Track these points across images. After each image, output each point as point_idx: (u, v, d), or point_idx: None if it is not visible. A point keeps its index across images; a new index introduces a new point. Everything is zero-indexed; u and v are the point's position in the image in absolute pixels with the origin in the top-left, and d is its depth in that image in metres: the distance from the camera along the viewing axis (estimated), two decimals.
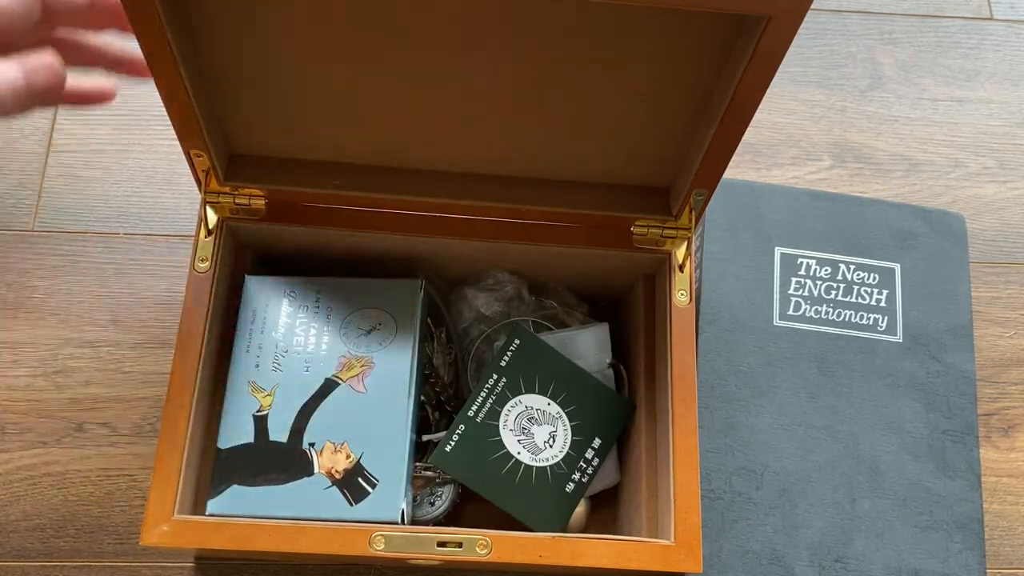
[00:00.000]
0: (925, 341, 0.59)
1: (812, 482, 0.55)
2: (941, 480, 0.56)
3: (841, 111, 0.73)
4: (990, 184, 0.72)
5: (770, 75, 0.40)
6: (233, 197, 0.51)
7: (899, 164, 0.72)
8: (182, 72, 0.42)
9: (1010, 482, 0.63)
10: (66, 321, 0.62)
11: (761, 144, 0.71)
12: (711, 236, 0.60)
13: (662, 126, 0.46)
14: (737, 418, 0.56)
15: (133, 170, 0.66)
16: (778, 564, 0.53)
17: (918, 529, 0.55)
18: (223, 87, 0.46)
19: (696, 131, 0.46)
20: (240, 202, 0.51)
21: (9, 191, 0.65)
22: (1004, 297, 0.68)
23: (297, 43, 0.43)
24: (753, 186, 0.62)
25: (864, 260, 0.60)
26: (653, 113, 0.46)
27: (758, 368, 0.57)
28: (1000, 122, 0.74)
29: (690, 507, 0.47)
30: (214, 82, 0.45)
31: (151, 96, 0.68)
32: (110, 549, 0.57)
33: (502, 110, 0.46)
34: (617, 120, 0.46)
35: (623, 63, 0.43)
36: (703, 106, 0.45)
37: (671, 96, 0.45)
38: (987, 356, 0.66)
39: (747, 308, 0.58)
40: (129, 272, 0.63)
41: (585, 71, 0.43)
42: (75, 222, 0.65)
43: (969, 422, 0.57)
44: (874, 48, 0.76)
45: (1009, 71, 0.76)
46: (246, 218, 0.52)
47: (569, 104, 0.45)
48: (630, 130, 0.47)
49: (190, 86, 0.43)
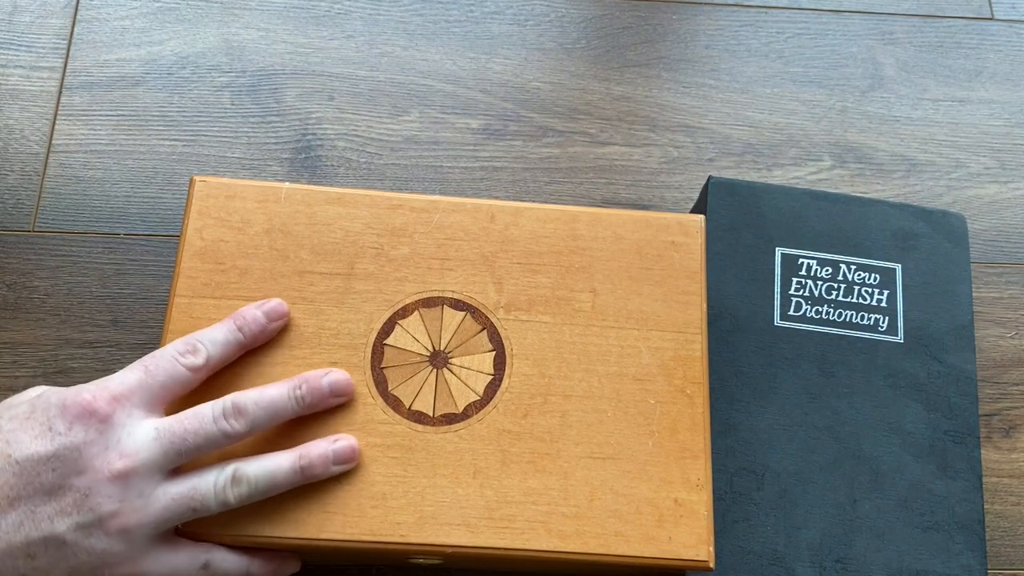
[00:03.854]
0: (926, 341, 0.58)
1: (813, 483, 0.55)
2: (942, 481, 0.56)
3: (842, 111, 0.73)
4: (991, 184, 0.72)
5: None
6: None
7: (900, 164, 0.72)
8: None
9: (1011, 483, 0.63)
10: (66, 321, 0.62)
11: (762, 144, 0.71)
12: (711, 236, 0.60)
13: None
14: (737, 418, 0.56)
15: (134, 170, 0.66)
16: (779, 564, 0.53)
17: (919, 530, 0.54)
18: None
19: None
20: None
21: (9, 191, 0.65)
22: (1005, 297, 0.68)
23: None
24: (753, 186, 0.61)
25: (865, 260, 0.60)
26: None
27: (758, 368, 0.57)
28: (1001, 122, 0.74)
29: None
30: None
31: (151, 96, 0.69)
32: None
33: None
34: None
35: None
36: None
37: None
38: (988, 356, 0.66)
39: (747, 308, 0.58)
40: (129, 272, 0.63)
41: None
42: (75, 222, 0.65)
43: (970, 423, 0.57)
44: (875, 48, 0.75)
45: (1010, 71, 0.75)
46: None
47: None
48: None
49: None
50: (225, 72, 0.70)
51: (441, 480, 0.46)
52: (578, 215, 0.52)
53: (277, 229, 0.50)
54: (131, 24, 0.71)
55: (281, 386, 0.45)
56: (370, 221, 0.50)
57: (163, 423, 0.43)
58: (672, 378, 0.49)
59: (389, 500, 0.45)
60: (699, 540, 0.46)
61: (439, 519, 0.45)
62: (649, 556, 0.45)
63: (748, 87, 0.73)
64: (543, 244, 0.51)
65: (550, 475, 0.46)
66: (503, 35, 0.73)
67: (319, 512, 0.45)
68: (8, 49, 0.70)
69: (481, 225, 0.51)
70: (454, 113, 0.70)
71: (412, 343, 0.48)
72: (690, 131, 0.71)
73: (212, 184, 0.50)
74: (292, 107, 0.69)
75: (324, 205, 0.50)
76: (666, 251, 0.52)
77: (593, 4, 0.75)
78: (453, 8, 0.74)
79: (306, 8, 0.73)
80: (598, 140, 0.70)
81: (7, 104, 0.68)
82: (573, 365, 0.49)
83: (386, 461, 0.46)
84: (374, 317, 0.49)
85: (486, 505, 0.45)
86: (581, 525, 0.46)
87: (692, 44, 0.75)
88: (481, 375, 0.48)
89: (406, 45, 0.72)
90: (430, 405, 0.47)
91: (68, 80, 0.69)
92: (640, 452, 0.47)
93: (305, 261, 0.49)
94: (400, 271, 0.50)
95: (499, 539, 0.45)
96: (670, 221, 0.52)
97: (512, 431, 0.47)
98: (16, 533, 0.39)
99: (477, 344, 0.49)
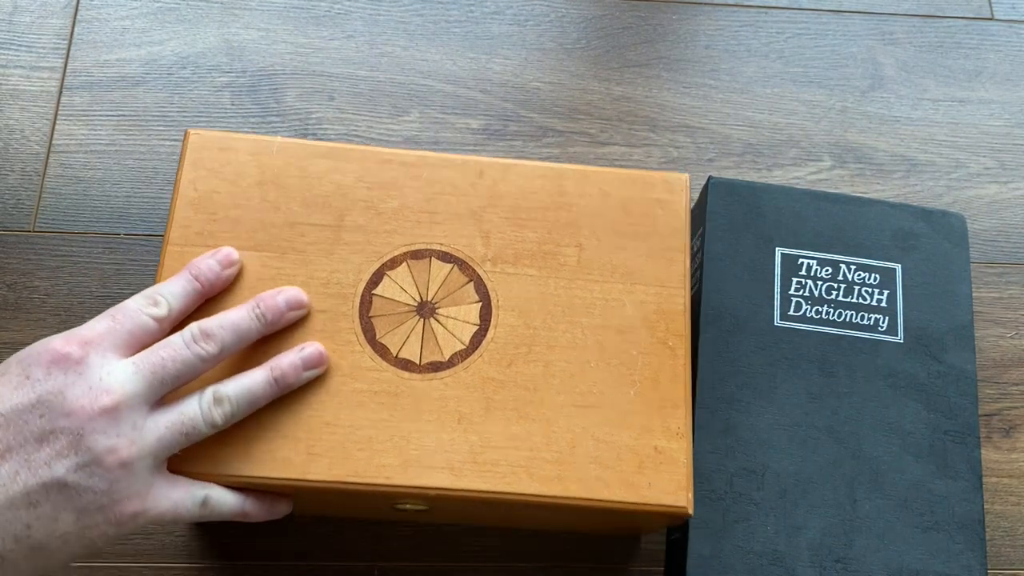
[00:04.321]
0: (926, 341, 0.58)
1: (813, 483, 0.55)
2: (942, 481, 0.56)
3: (842, 111, 0.73)
4: (991, 184, 0.72)
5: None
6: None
7: (900, 164, 0.72)
8: None
9: (1011, 483, 0.63)
10: (66, 321, 0.62)
11: (762, 144, 0.71)
12: (711, 236, 0.60)
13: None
14: (737, 419, 0.56)
15: (134, 170, 0.66)
16: (779, 565, 0.53)
17: (919, 530, 0.54)
18: None
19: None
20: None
21: (9, 191, 0.65)
22: (1005, 297, 0.68)
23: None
24: (753, 186, 0.61)
25: (865, 260, 0.60)
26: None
27: (759, 369, 0.57)
28: (1001, 122, 0.74)
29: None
30: None
31: (151, 96, 0.69)
32: (110, 549, 0.57)
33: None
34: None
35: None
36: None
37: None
38: (988, 356, 0.66)
39: (747, 308, 0.58)
40: (129, 272, 0.64)
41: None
42: (75, 222, 0.65)
43: (970, 423, 0.57)
44: (875, 48, 0.75)
45: (1010, 71, 0.75)
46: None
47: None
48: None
49: None
50: (225, 72, 0.70)
51: (426, 425, 0.47)
52: (565, 172, 0.53)
53: (269, 181, 0.51)
54: (131, 24, 0.71)
55: (240, 308, 0.47)
56: (361, 175, 0.51)
57: (139, 357, 0.43)
58: (655, 331, 0.50)
59: (375, 443, 0.46)
60: (678, 487, 0.47)
61: (423, 462, 0.46)
62: (629, 501, 0.46)
63: (748, 87, 0.73)
64: (530, 200, 0.52)
65: (533, 422, 0.47)
66: (503, 35, 0.73)
67: (305, 453, 0.46)
68: (8, 49, 0.70)
69: (470, 181, 0.52)
70: (454, 113, 0.70)
71: (400, 293, 0.49)
72: (690, 131, 0.71)
73: (206, 137, 0.51)
74: (292, 107, 0.69)
75: (315, 159, 0.51)
76: (651, 208, 0.52)
77: (593, 4, 0.75)
78: (453, 8, 0.74)
79: (306, 8, 0.73)
80: (598, 140, 0.70)
81: (7, 104, 0.68)
82: (558, 317, 0.50)
83: (372, 406, 0.47)
84: (363, 268, 0.50)
85: (470, 449, 0.46)
86: (563, 470, 0.46)
87: (692, 44, 0.75)
88: (467, 325, 0.49)
89: (406, 45, 0.72)
90: (417, 353, 0.48)
91: (68, 80, 0.69)
92: (622, 401, 0.48)
93: (296, 213, 0.50)
94: (389, 224, 0.50)
95: (482, 482, 0.46)
96: (656, 179, 0.53)
97: (496, 379, 0.48)
98: (13, 483, 0.39)
99: (464, 295, 0.50)
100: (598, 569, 0.59)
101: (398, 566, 0.58)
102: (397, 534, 0.59)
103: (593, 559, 0.59)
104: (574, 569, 0.59)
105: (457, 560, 0.58)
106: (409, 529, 0.59)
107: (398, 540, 0.58)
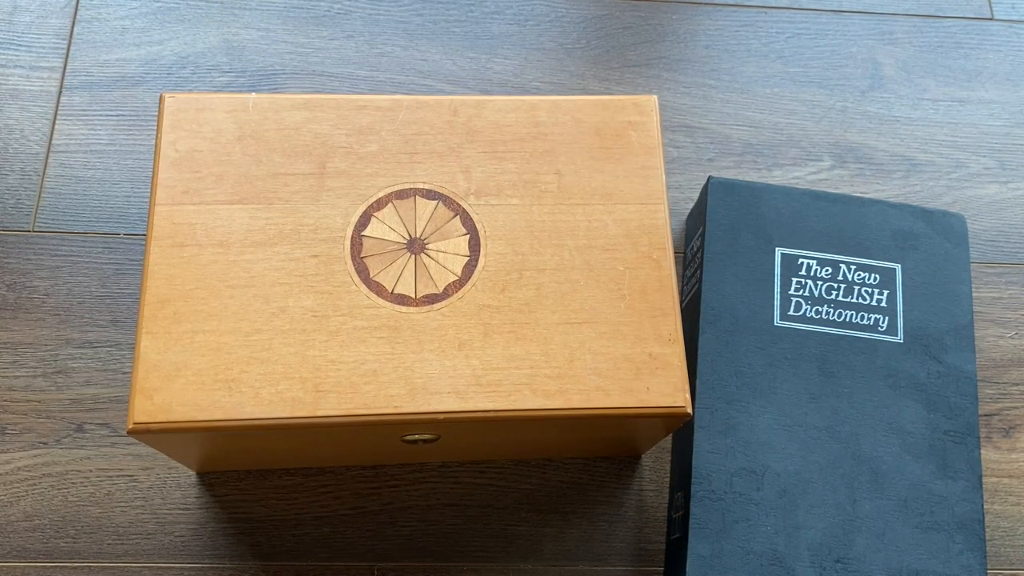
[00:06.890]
0: (926, 342, 0.58)
1: (813, 483, 0.55)
2: (942, 481, 0.56)
3: (842, 111, 0.73)
4: (991, 184, 0.72)
5: None
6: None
7: (900, 164, 0.72)
8: None
9: (1011, 483, 0.63)
10: (66, 321, 0.62)
11: (762, 144, 0.71)
12: (711, 236, 0.60)
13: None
14: (738, 419, 0.56)
15: (133, 170, 0.66)
16: (779, 565, 0.53)
17: (919, 530, 0.54)
18: None
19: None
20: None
21: (9, 191, 0.65)
22: (1005, 297, 0.68)
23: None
24: (753, 186, 0.61)
25: (865, 260, 0.60)
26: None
27: (759, 369, 0.57)
28: (1001, 122, 0.74)
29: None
30: None
31: (151, 96, 0.69)
32: (110, 549, 0.57)
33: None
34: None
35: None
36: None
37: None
38: (988, 356, 0.66)
39: (747, 308, 0.58)
40: (129, 272, 0.63)
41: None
42: (75, 222, 0.65)
43: (970, 423, 0.57)
44: (875, 48, 0.75)
45: (1010, 71, 0.76)
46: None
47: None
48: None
49: None
50: (225, 72, 0.70)
51: (428, 355, 0.48)
52: (537, 103, 0.54)
53: (248, 136, 0.52)
54: (131, 24, 0.71)
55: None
56: (337, 122, 0.52)
57: None
58: (638, 245, 0.51)
59: (380, 376, 0.47)
60: (675, 388, 0.49)
61: (429, 389, 0.47)
62: (630, 407, 0.48)
63: (748, 87, 0.73)
64: (506, 132, 0.53)
65: (531, 342, 0.49)
66: (503, 35, 0.73)
67: (314, 392, 0.47)
68: (8, 49, 0.70)
69: (445, 119, 0.53)
70: None
71: (389, 233, 0.50)
72: (690, 131, 0.71)
73: (181, 99, 0.52)
74: None
75: (291, 111, 0.52)
76: (624, 130, 0.54)
77: (593, 4, 0.75)
78: (453, 8, 0.74)
79: (306, 8, 0.73)
80: None
81: (7, 104, 0.68)
82: (544, 241, 0.51)
83: (374, 341, 0.48)
84: (350, 211, 0.51)
85: (473, 373, 0.48)
86: (564, 384, 0.48)
87: (692, 44, 0.75)
88: (457, 257, 0.50)
89: (406, 45, 0.72)
90: (412, 287, 0.49)
91: (68, 80, 0.69)
92: (613, 314, 0.50)
93: (278, 164, 0.51)
94: (371, 167, 0.52)
95: (488, 402, 0.47)
96: (625, 102, 0.55)
97: (492, 305, 0.49)
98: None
99: (451, 229, 0.51)
100: (598, 569, 0.59)
101: (398, 566, 0.58)
102: (397, 534, 0.59)
103: (593, 559, 0.59)
104: (574, 569, 0.59)
105: (457, 560, 0.58)
106: (409, 529, 0.59)
107: (398, 540, 0.59)
